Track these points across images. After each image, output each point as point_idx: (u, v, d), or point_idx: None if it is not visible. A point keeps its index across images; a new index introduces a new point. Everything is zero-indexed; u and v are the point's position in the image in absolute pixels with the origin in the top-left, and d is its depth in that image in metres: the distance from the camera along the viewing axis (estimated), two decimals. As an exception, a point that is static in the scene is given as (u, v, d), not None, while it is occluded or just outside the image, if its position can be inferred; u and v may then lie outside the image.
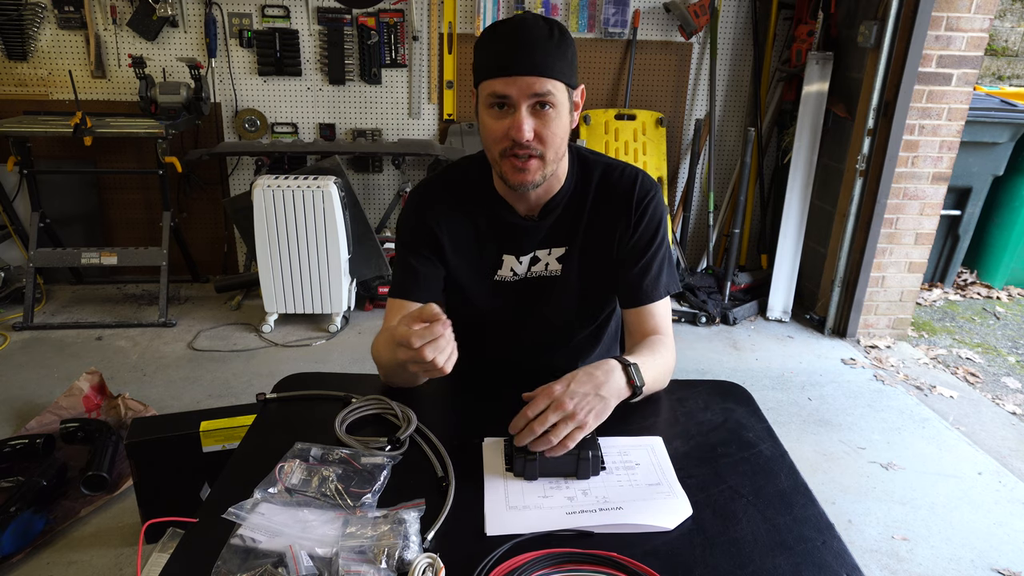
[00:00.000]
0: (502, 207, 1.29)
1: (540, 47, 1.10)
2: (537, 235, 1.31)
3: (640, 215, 1.30)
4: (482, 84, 1.14)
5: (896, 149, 3.23)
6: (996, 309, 4.08)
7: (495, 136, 1.15)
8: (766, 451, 1.13)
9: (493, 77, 1.11)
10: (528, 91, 1.11)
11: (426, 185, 1.35)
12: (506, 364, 1.43)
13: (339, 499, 0.94)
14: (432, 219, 1.30)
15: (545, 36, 1.10)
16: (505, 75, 1.10)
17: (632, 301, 1.32)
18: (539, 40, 1.10)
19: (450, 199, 1.31)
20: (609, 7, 3.63)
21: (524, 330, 1.39)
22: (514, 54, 1.10)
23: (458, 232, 1.31)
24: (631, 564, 0.86)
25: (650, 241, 1.31)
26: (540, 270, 1.33)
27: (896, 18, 3.08)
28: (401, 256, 1.33)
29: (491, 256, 1.32)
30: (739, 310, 3.66)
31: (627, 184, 1.30)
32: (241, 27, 3.53)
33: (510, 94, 1.11)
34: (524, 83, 1.10)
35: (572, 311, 1.38)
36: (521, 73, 1.09)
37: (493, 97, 1.12)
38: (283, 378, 1.28)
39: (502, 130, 1.14)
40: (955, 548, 2.12)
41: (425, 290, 1.29)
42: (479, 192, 1.31)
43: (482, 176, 1.31)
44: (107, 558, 1.94)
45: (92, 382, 2.55)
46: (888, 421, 2.81)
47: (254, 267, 3.44)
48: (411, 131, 3.80)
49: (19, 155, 3.26)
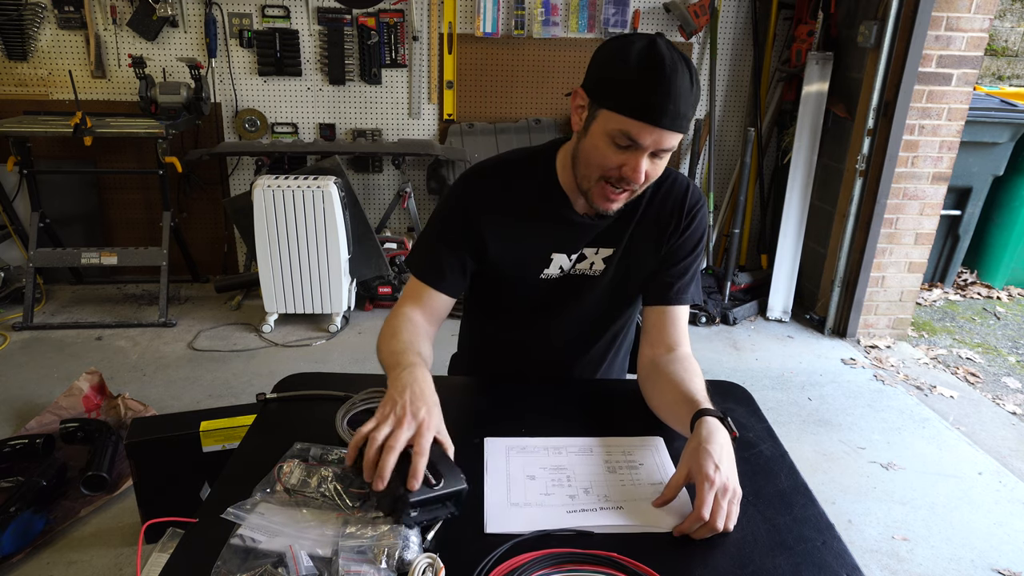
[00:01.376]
0: (563, 202, 1.28)
1: (684, 100, 1.06)
2: (590, 233, 1.29)
3: (690, 221, 1.31)
4: (612, 114, 1.09)
5: (896, 149, 3.23)
6: (996, 309, 4.08)
7: (606, 165, 1.13)
8: (766, 451, 1.13)
9: (634, 118, 1.07)
10: (661, 143, 1.09)
11: (478, 172, 1.31)
12: (522, 355, 1.43)
13: (338, 499, 0.94)
14: (477, 209, 1.28)
15: (688, 87, 1.07)
16: (648, 123, 1.06)
17: (660, 299, 1.31)
18: (685, 92, 1.06)
19: (504, 190, 1.28)
20: (609, 7, 3.63)
21: (553, 324, 1.39)
22: (663, 105, 1.05)
23: (507, 226, 1.28)
24: (631, 564, 0.86)
25: (693, 247, 1.32)
26: (584, 268, 1.32)
27: (896, 18, 3.08)
28: (434, 235, 1.31)
29: (542, 254, 1.30)
30: (739, 310, 3.66)
31: (680, 191, 1.31)
32: (241, 27, 3.53)
33: (645, 144, 1.08)
34: (661, 137, 1.08)
35: (603, 309, 1.38)
36: (664, 127, 1.07)
37: (624, 137, 1.09)
38: (283, 378, 1.29)
39: (617, 163, 1.12)
40: (955, 548, 2.12)
41: (450, 283, 1.29)
42: (539, 185, 1.28)
43: (545, 170, 1.28)
44: (107, 558, 1.94)
45: (92, 382, 2.55)
46: (888, 421, 2.81)
47: (254, 267, 3.44)
48: (411, 131, 3.80)
49: (19, 155, 3.26)
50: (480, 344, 1.53)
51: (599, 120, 1.11)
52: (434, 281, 1.29)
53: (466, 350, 1.58)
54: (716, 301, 3.70)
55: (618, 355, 1.51)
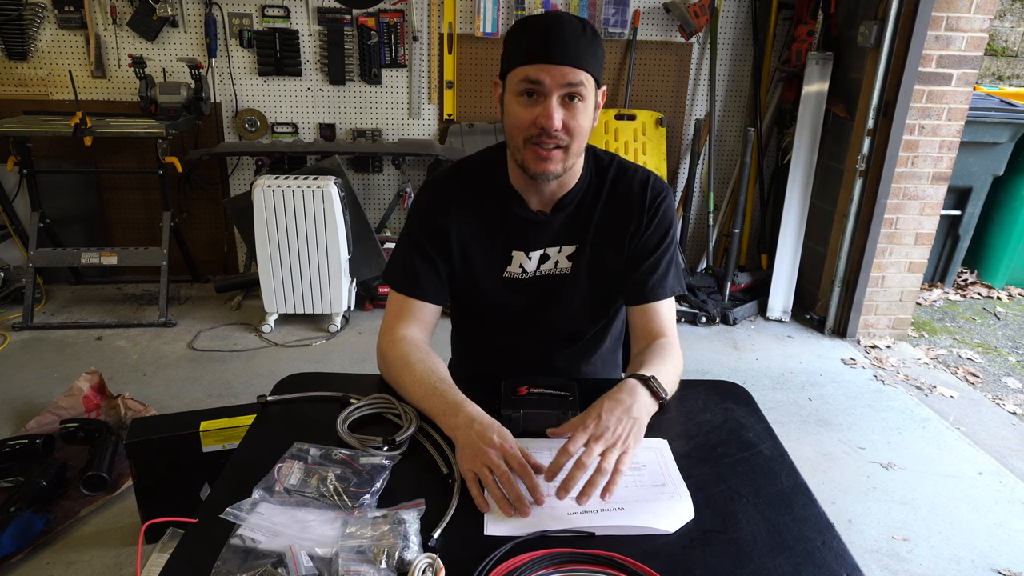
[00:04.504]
0: (514, 201, 1.29)
1: (574, 40, 1.12)
2: (548, 231, 1.30)
3: (652, 214, 1.31)
4: (513, 71, 1.15)
5: (896, 149, 3.23)
6: (996, 309, 4.08)
7: (522, 123, 1.16)
8: (766, 451, 1.13)
9: (527, 63, 1.12)
10: (561, 80, 1.12)
11: (438, 179, 1.34)
12: (515, 360, 1.43)
13: (338, 499, 0.94)
14: (442, 214, 1.30)
15: (579, 31, 1.12)
16: (540, 62, 1.11)
17: (637, 298, 1.32)
18: (573, 33, 1.12)
19: (462, 193, 1.31)
20: (609, 7, 3.63)
21: (534, 328, 1.39)
22: (550, 43, 1.11)
23: (468, 227, 1.31)
24: (631, 564, 0.86)
25: (660, 241, 1.32)
26: (550, 268, 1.33)
27: (896, 18, 3.08)
28: (406, 247, 1.32)
29: (500, 252, 1.32)
30: (739, 310, 3.66)
31: (640, 185, 1.31)
32: (241, 27, 3.53)
33: (543, 80, 1.12)
34: (558, 72, 1.11)
35: (581, 310, 1.38)
36: (556, 62, 1.11)
37: (525, 83, 1.13)
38: (283, 378, 1.28)
39: (530, 118, 1.14)
40: (955, 548, 2.12)
41: (430, 291, 1.30)
42: (492, 185, 1.31)
43: (497, 169, 1.31)
44: (107, 558, 1.94)
45: (92, 382, 2.55)
46: (888, 421, 2.81)
47: (254, 267, 3.44)
48: (411, 131, 3.80)
49: (19, 155, 3.26)
50: (470, 349, 1.54)
51: (507, 89, 1.18)
52: (413, 292, 1.30)
53: (459, 357, 1.58)
54: (716, 301, 3.70)
55: (605, 355, 1.50)
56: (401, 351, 1.23)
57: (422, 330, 1.30)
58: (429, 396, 1.14)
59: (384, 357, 1.26)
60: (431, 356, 1.23)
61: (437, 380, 1.15)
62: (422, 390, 1.15)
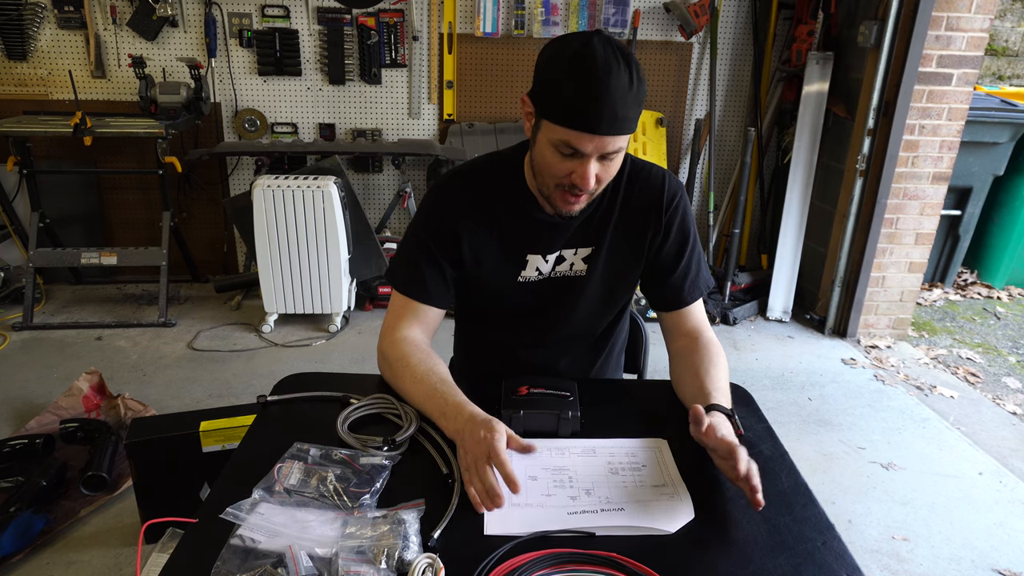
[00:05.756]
0: (531, 204, 1.27)
1: (622, 102, 1.04)
2: (564, 233, 1.29)
3: (671, 217, 1.30)
4: (551, 126, 1.08)
5: (896, 149, 3.23)
6: (996, 309, 4.08)
7: (556, 173, 1.13)
8: (766, 451, 1.13)
9: (570, 128, 1.06)
10: (603, 148, 1.08)
11: (449, 179, 1.30)
12: (519, 359, 1.43)
13: (338, 499, 0.94)
14: (452, 216, 1.27)
15: (626, 87, 1.04)
16: (583, 131, 1.06)
17: (671, 305, 1.33)
18: (622, 93, 1.04)
19: (475, 195, 1.28)
20: (609, 7, 3.63)
21: (542, 328, 1.39)
22: (598, 112, 1.04)
23: (481, 230, 1.28)
24: (631, 564, 0.86)
25: (683, 244, 1.32)
26: (565, 270, 1.32)
27: (896, 18, 3.08)
28: (412, 249, 1.30)
29: (516, 256, 1.30)
30: (739, 310, 3.66)
31: (656, 185, 1.30)
32: (241, 27, 3.53)
33: (587, 152, 1.08)
34: (601, 142, 1.07)
35: (591, 311, 1.38)
36: (601, 133, 1.06)
37: (566, 146, 1.08)
38: (283, 378, 1.28)
39: (565, 171, 1.12)
40: (955, 548, 2.12)
41: (435, 294, 1.29)
42: (507, 188, 1.28)
43: (512, 172, 1.28)
44: (107, 558, 1.94)
45: (92, 382, 2.55)
46: (888, 421, 2.81)
47: (254, 267, 3.44)
48: (411, 131, 3.80)
49: (19, 155, 3.26)
50: (473, 348, 1.53)
51: (543, 130, 1.12)
52: (418, 295, 1.28)
53: (461, 355, 1.58)
54: (716, 301, 3.70)
55: (611, 355, 1.50)
56: (402, 351, 1.23)
57: (424, 331, 1.29)
58: (430, 397, 1.13)
59: (385, 357, 1.26)
60: (432, 357, 1.22)
61: (438, 381, 1.15)
62: (423, 391, 1.15)
